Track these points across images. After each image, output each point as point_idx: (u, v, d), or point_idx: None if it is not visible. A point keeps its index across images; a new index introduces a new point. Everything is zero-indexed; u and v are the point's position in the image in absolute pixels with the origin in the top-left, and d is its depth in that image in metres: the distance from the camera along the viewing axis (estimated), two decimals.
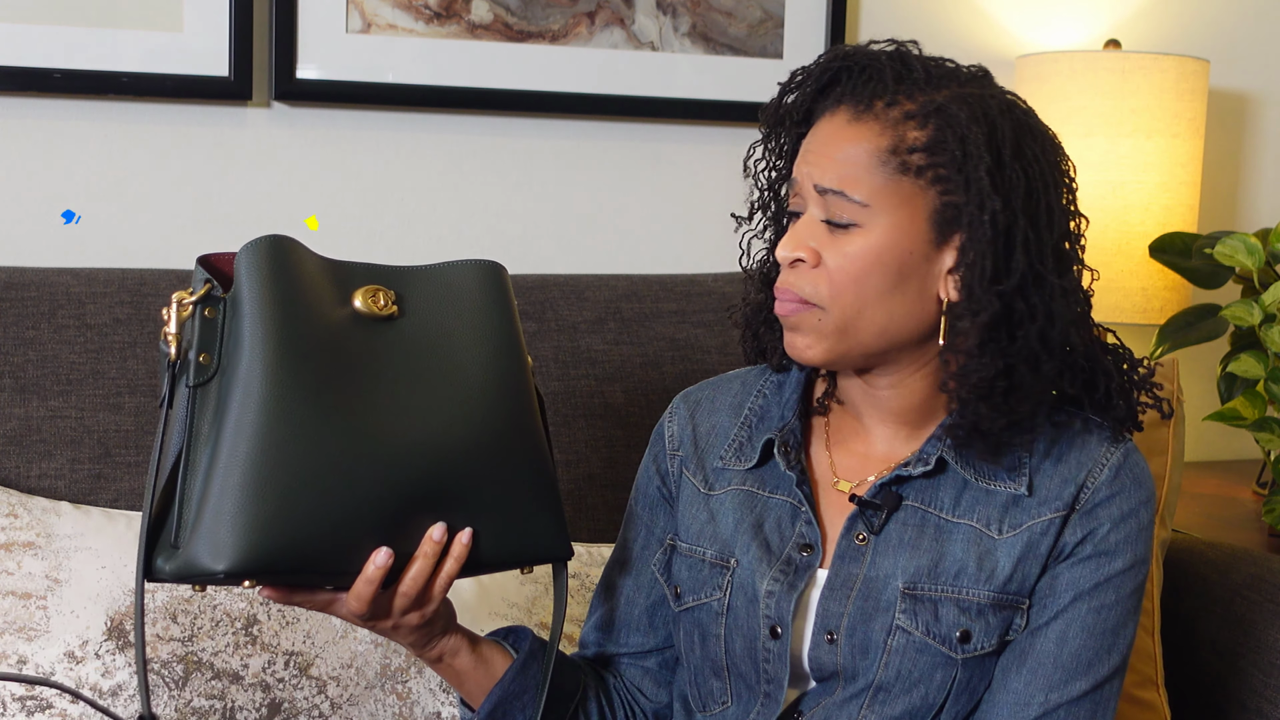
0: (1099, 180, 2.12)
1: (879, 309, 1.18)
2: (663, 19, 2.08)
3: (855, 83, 1.20)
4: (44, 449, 1.60)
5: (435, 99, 1.99)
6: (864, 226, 1.17)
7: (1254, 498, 2.11)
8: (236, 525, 1.09)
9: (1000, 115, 1.19)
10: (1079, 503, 1.22)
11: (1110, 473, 1.22)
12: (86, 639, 1.45)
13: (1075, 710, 1.21)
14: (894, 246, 1.17)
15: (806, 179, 1.20)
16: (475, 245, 2.05)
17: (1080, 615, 1.21)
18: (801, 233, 1.20)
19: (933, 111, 1.17)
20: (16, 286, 1.67)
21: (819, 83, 1.23)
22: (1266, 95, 2.48)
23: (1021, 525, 1.22)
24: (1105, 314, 2.14)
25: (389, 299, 1.20)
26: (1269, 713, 1.61)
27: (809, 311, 1.19)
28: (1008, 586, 1.21)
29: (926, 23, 2.26)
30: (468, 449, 1.18)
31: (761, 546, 1.26)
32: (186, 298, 1.14)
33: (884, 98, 1.18)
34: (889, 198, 1.17)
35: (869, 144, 1.17)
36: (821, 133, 1.21)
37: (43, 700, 1.42)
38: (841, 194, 1.17)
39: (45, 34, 1.81)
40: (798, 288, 1.19)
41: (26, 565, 1.48)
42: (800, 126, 1.25)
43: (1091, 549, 1.22)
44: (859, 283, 1.17)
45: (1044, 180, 1.20)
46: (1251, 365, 1.86)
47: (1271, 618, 1.63)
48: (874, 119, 1.18)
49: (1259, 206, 2.50)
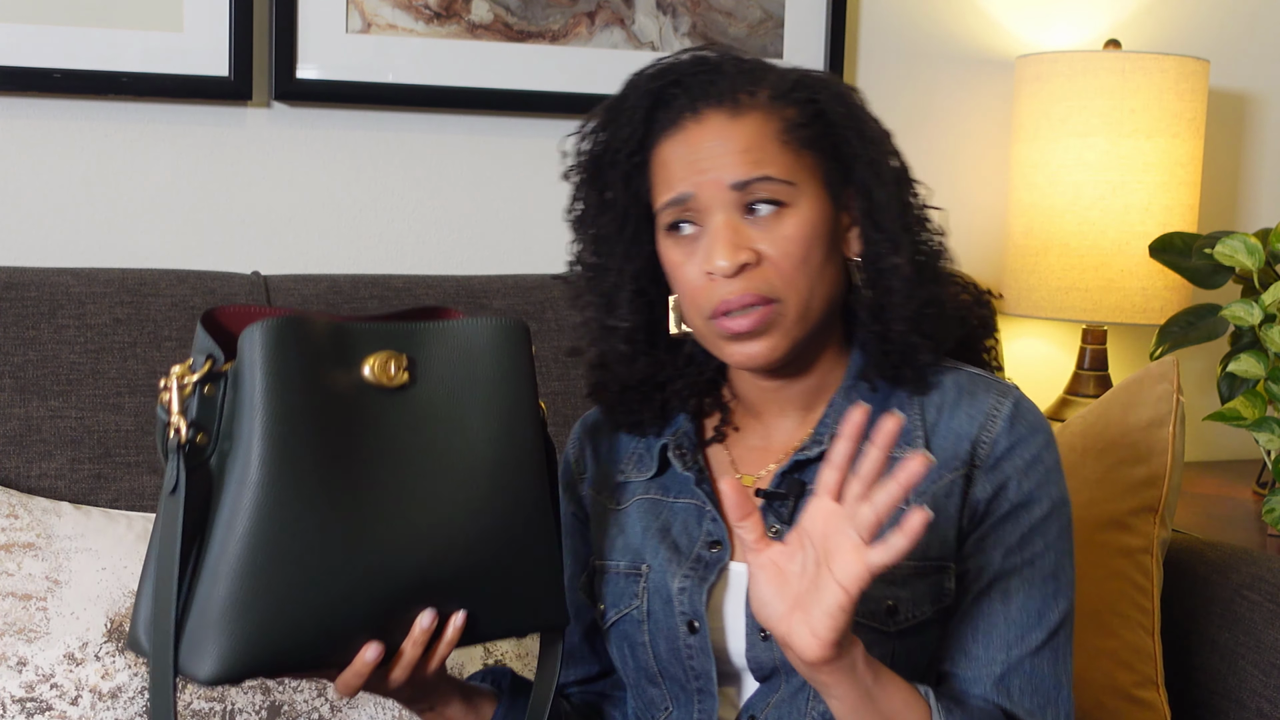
0: (1099, 180, 2.12)
1: (822, 283, 1.20)
2: (663, 19, 2.08)
3: (696, 89, 1.20)
4: (44, 449, 1.60)
5: (435, 99, 1.99)
6: (792, 205, 1.18)
7: (1254, 498, 2.11)
8: (221, 634, 1.04)
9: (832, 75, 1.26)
10: (978, 458, 1.21)
11: (1005, 424, 1.22)
12: (86, 641, 1.45)
13: (1038, 661, 1.20)
14: (819, 217, 1.19)
15: (710, 183, 1.17)
16: (475, 245, 2.05)
17: (1016, 570, 1.21)
18: (731, 237, 1.17)
19: (794, 86, 1.20)
20: (16, 286, 1.67)
21: (644, 105, 1.21)
22: (1266, 95, 2.48)
23: (926, 491, 1.21)
24: (1105, 314, 2.14)
25: (400, 366, 1.13)
26: (1269, 713, 1.61)
27: (771, 310, 1.17)
28: (927, 553, 1.20)
29: (926, 23, 2.26)
30: (470, 537, 1.13)
31: (670, 549, 1.26)
32: (187, 375, 1.08)
33: (743, 90, 1.19)
34: (801, 172, 1.18)
35: (763, 129, 1.18)
36: (700, 139, 1.18)
37: (42, 702, 1.42)
38: (766, 178, 1.17)
39: (45, 34, 1.81)
40: (756, 290, 1.17)
41: (27, 566, 1.48)
42: (635, 157, 1.22)
43: (1008, 504, 1.21)
44: (806, 261, 1.18)
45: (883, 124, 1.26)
46: (1251, 365, 1.86)
47: (1271, 618, 1.63)
48: (751, 109, 1.19)
49: (1259, 206, 2.50)
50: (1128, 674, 1.66)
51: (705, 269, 1.18)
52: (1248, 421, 1.85)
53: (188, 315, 1.70)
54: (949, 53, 2.28)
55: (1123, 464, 1.71)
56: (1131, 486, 1.70)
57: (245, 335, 1.07)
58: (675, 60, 1.23)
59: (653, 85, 1.21)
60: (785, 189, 1.17)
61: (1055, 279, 2.14)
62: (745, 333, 1.17)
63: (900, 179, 1.24)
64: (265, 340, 1.07)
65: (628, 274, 1.25)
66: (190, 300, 1.71)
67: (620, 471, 1.33)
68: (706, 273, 1.18)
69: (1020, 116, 2.21)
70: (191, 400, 1.08)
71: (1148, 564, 1.69)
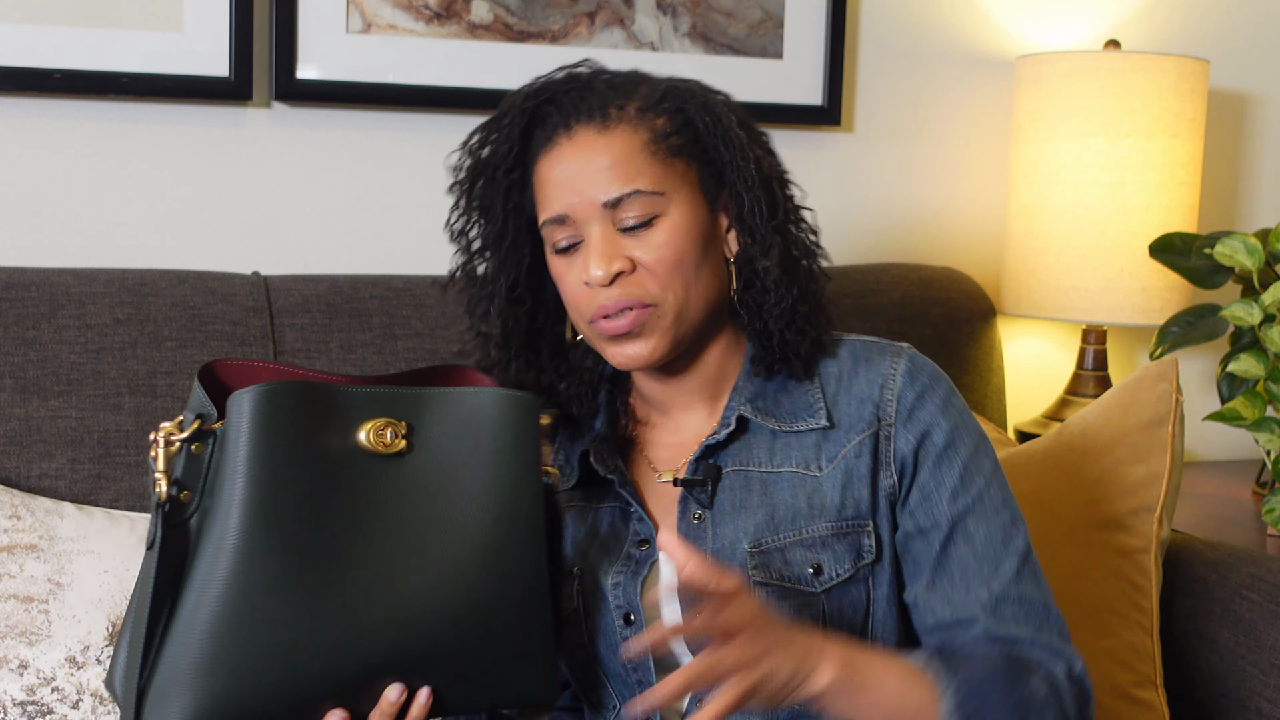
0: (1099, 180, 2.12)
1: (698, 285, 1.25)
2: (663, 19, 2.08)
3: (568, 106, 1.25)
4: (44, 449, 1.60)
5: (435, 99, 1.99)
6: (662, 214, 1.23)
7: (1254, 498, 2.11)
8: (187, 693, 1.04)
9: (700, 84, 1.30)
10: (885, 415, 1.28)
11: (905, 379, 1.29)
12: (88, 644, 1.45)
13: (1021, 587, 1.25)
14: (691, 222, 1.24)
15: (583, 203, 1.23)
16: None
17: (969, 508, 1.26)
18: (604, 249, 1.22)
19: (662, 97, 1.25)
20: (16, 286, 1.67)
21: (520, 124, 1.27)
22: (1266, 95, 2.48)
23: (836, 457, 1.28)
24: (1105, 314, 2.14)
25: (398, 433, 1.11)
26: (1269, 713, 1.61)
27: (647, 313, 1.23)
28: (842, 514, 1.26)
29: (926, 23, 2.26)
30: (452, 614, 1.11)
31: (600, 550, 1.31)
32: (175, 433, 1.08)
33: (612, 104, 1.24)
34: (671, 180, 1.24)
35: (630, 142, 1.23)
36: (572, 156, 1.23)
37: (43, 705, 1.42)
38: (636, 192, 1.22)
39: (45, 34, 1.81)
40: (631, 295, 1.23)
41: (29, 568, 1.48)
42: (512, 173, 1.28)
43: (935, 448, 1.27)
44: (680, 265, 1.23)
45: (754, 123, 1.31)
46: (1251, 365, 1.86)
47: (1271, 618, 1.63)
48: (619, 123, 1.23)
49: (1259, 206, 2.50)
50: (1127, 674, 1.66)
51: (583, 279, 1.24)
52: (1248, 421, 1.85)
53: (188, 315, 1.70)
54: (949, 53, 2.28)
55: (1122, 464, 1.71)
56: (1131, 486, 1.70)
57: (234, 400, 1.07)
58: (550, 79, 1.28)
59: (527, 104, 1.26)
60: (655, 200, 1.23)
61: (1055, 279, 2.14)
62: (623, 334, 1.24)
63: (770, 181, 1.28)
64: (253, 407, 1.06)
65: (502, 284, 1.31)
66: (190, 300, 1.71)
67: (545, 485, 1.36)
68: (584, 282, 1.23)
69: (1020, 117, 2.21)
70: (178, 458, 1.08)
71: (1146, 564, 1.69)
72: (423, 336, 1.77)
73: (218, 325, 1.70)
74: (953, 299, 2.08)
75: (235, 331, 1.70)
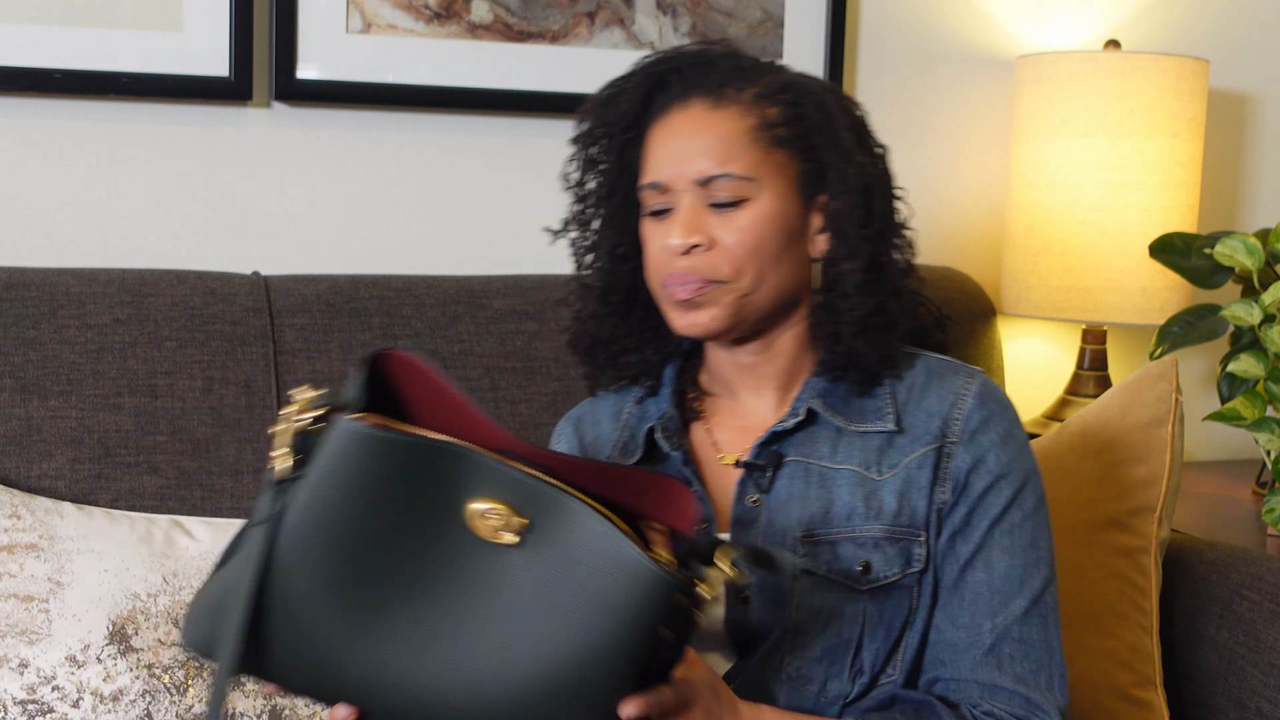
0: (1099, 180, 2.12)
1: (774, 274, 1.28)
2: (663, 19, 2.08)
3: (691, 78, 1.29)
4: (44, 449, 1.60)
5: (435, 99, 1.99)
6: (751, 200, 1.27)
7: (1254, 498, 2.11)
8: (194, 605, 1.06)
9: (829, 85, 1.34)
10: (950, 433, 1.30)
11: (975, 401, 1.31)
12: (88, 643, 1.45)
13: (1025, 628, 1.27)
14: (779, 213, 1.27)
15: (680, 176, 1.27)
16: (475, 245, 2.05)
17: (997, 540, 1.29)
18: (690, 220, 1.26)
19: (782, 88, 1.29)
20: (16, 286, 1.67)
21: (644, 87, 1.31)
22: (1266, 95, 2.48)
23: (898, 464, 1.30)
24: (1105, 314, 2.14)
25: (513, 528, 0.99)
26: (1269, 713, 1.61)
27: (712, 288, 1.27)
28: (898, 520, 1.28)
29: (926, 23, 2.26)
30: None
31: None
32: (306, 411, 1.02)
33: (731, 84, 1.28)
34: (767, 169, 1.27)
35: (736, 125, 1.27)
36: (679, 127, 1.28)
37: (43, 704, 1.42)
38: (728, 175, 1.26)
39: (45, 34, 1.81)
40: (699, 270, 1.26)
41: (29, 568, 1.48)
42: (628, 133, 1.32)
43: (988, 475, 1.29)
44: (758, 252, 1.27)
45: (874, 135, 1.34)
46: (1251, 365, 1.86)
47: (1271, 618, 1.63)
48: (731, 104, 1.28)
49: (1259, 206, 2.50)
50: (1126, 674, 1.66)
51: (664, 243, 1.28)
52: (1248, 421, 1.85)
53: (188, 315, 1.70)
54: (949, 53, 2.28)
55: (1121, 464, 1.71)
56: (1130, 486, 1.70)
57: (338, 427, 1.00)
58: (682, 49, 1.32)
59: (655, 69, 1.31)
60: (745, 185, 1.26)
61: (1055, 279, 2.14)
62: (686, 301, 1.27)
63: (870, 189, 1.30)
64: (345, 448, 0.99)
65: (608, 239, 1.36)
66: (190, 300, 1.71)
67: (608, 459, 1.39)
68: (664, 246, 1.28)
69: (1020, 117, 2.21)
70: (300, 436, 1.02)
71: (1146, 564, 1.69)
72: (423, 336, 1.77)
73: (218, 325, 1.70)
74: (953, 299, 2.08)
75: (235, 331, 1.70)
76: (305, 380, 1.70)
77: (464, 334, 1.78)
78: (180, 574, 1.51)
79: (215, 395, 1.67)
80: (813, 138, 1.28)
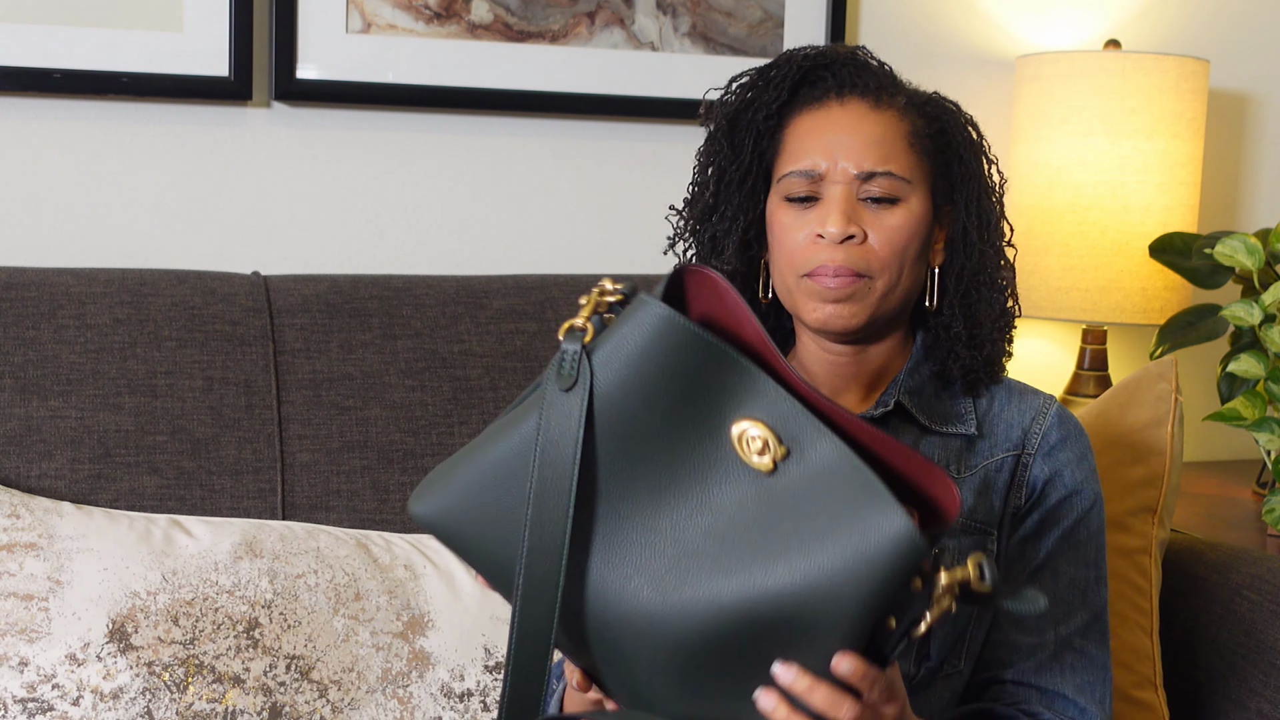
0: (1099, 180, 2.12)
1: (909, 276, 1.30)
2: (663, 19, 2.08)
3: (845, 76, 1.31)
4: (44, 449, 1.60)
5: (435, 99, 1.99)
6: (904, 200, 1.29)
7: (1254, 498, 2.11)
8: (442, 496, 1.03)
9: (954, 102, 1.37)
10: (1029, 445, 1.34)
11: (1055, 419, 1.35)
12: (88, 641, 1.45)
13: (1085, 641, 1.32)
14: (923, 218, 1.30)
15: (840, 167, 1.28)
16: (475, 245, 2.05)
17: (1064, 552, 1.33)
18: (848, 211, 1.27)
19: (926, 101, 1.33)
20: (16, 286, 1.67)
21: (793, 79, 1.31)
22: (1266, 95, 2.48)
23: (977, 466, 1.34)
24: (1105, 314, 2.14)
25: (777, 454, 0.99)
26: (1269, 713, 1.61)
27: (861, 283, 1.28)
28: (974, 515, 1.33)
29: (926, 23, 2.26)
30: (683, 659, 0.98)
31: None
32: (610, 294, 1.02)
33: (885, 90, 1.31)
34: (918, 174, 1.30)
35: (896, 128, 1.29)
36: (840, 121, 1.29)
37: (43, 702, 1.42)
38: (889, 174, 1.27)
39: (45, 34, 1.81)
40: (852, 263, 1.27)
41: (28, 566, 1.48)
42: (771, 120, 1.32)
43: (1062, 489, 1.34)
44: (903, 253, 1.29)
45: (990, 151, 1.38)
46: (1251, 365, 1.86)
47: (1271, 618, 1.63)
48: (889, 107, 1.30)
49: (1259, 206, 2.50)
50: (1126, 674, 1.66)
51: (816, 230, 1.27)
52: (1248, 421, 1.85)
53: (188, 315, 1.70)
54: (949, 53, 2.28)
55: (1121, 464, 1.71)
56: (1129, 486, 1.70)
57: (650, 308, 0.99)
58: (831, 48, 1.34)
59: (805, 63, 1.32)
60: (902, 185, 1.28)
61: (1055, 279, 2.14)
62: (833, 292, 1.27)
63: (991, 204, 1.35)
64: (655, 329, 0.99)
65: (739, 224, 1.34)
66: (190, 300, 1.71)
67: None
68: (816, 234, 1.27)
69: (1020, 116, 2.21)
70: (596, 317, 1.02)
71: (1146, 564, 1.69)
72: (423, 336, 1.77)
73: (218, 325, 1.70)
74: None
75: (235, 331, 1.70)
76: (305, 380, 1.70)
77: (464, 334, 1.78)
78: (180, 572, 1.51)
79: (215, 395, 1.67)
80: (949, 152, 1.32)
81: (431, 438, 1.71)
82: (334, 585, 1.55)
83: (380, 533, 1.65)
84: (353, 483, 1.68)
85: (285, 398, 1.69)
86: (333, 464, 1.68)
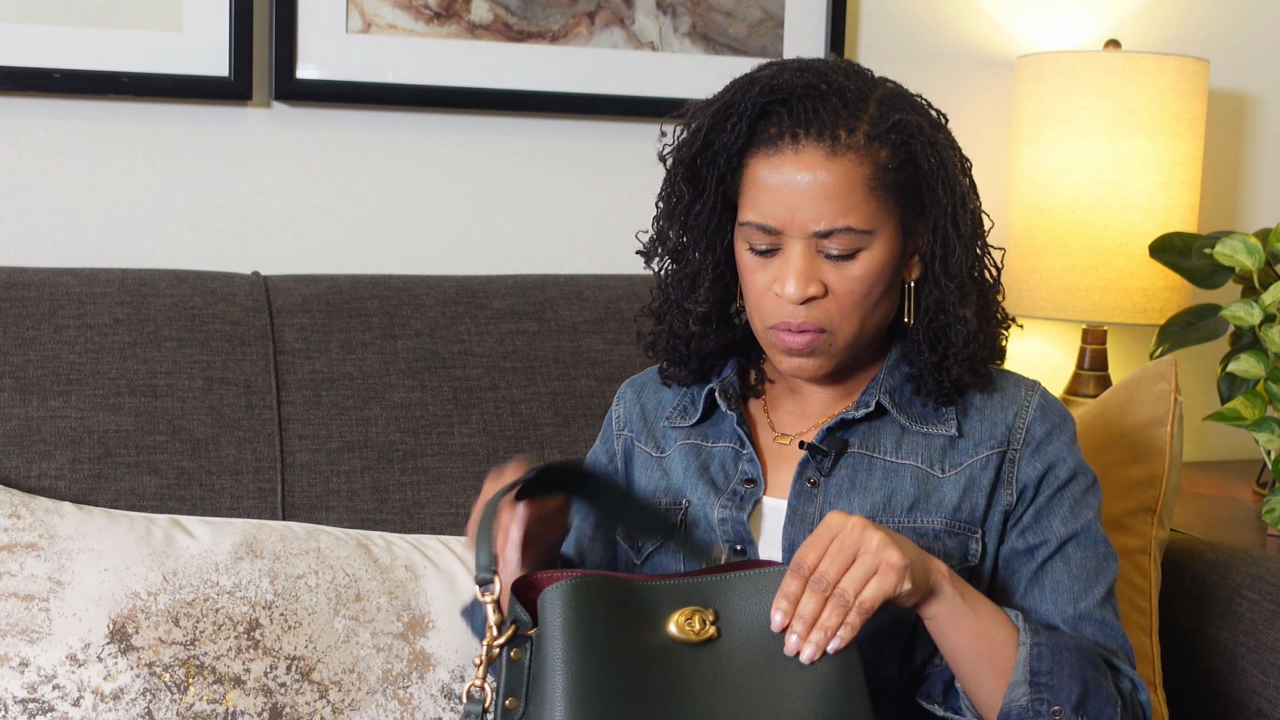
0: (1099, 180, 2.12)
1: (877, 313, 1.30)
2: (663, 19, 2.08)
3: (802, 114, 1.25)
4: (44, 449, 1.60)
5: (435, 99, 1.99)
6: (866, 250, 1.27)
7: (1254, 498, 2.11)
8: None
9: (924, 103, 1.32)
10: (1015, 440, 1.34)
11: (1038, 412, 1.35)
12: (89, 641, 1.45)
13: (1104, 612, 1.33)
14: (890, 258, 1.28)
15: (796, 224, 1.25)
16: (475, 245, 2.05)
17: (1073, 535, 1.33)
18: (806, 271, 1.26)
19: (891, 129, 1.25)
20: (16, 286, 1.67)
21: (750, 118, 1.27)
22: (1266, 95, 2.48)
23: (961, 465, 1.33)
24: (1105, 314, 2.14)
25: (706, 621, 1.13)
26: (1269, 713, 1.61)
27: (823, 338, 1.28)
28: (957, 515, 1.32)
29: (926, 23, 2.26)
30: None
31: (708, 485, 1.36)
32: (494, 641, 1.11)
33: (843, 125, 1.24)
34: (882, 217, 1.26)
35: (853, 175, 1.24)
36: (794, 173, 1.24)
37: (44, 703, 1.42)
38: (848, 229, 1.24)
39: (45, 34, 1.81)
40: (814, 319, 1.27)
41: (29, 567, 1.48)
42: (732, 161, 1.28)
43: (1058, 481, 1.34)
44: (865, 300, 1.28)
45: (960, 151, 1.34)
46: (1251, 365, 1.86)
47: (1271, 618, 1.63)
48: (846, 150, 1.24)
49: (1259, 206, 2.50)
50: None
51: (776, 290, 1.27)
52: (1248, 421, 1.85)
53: (188, 315, 1.70)
54: (949, 53, 2.28)
55: (1120, 464, 1.71)
56: (1129, 486, 1.70)
57: (545, 596, 1.10)
58: (786, 81, 1.27)
59: (761, 98, 1.26)
60: (861, 237, 1.25)
61: (1055, 279, 2.14)
62: (797, 349, 1.28)
63: (976, 228, 1.33)
64: (565, 601, 1.09)
65: (709, 264, 1.34)
66: (190, 300, 1.71)
67: (666, 418, 1.43)
68: (776, 293, 1.27)
69: (1020, 116, 2.21)
70: (499, 665, 1.11)
71: (1145, 564, 1.69)
72: (422, 336, 1.77)
73: (218, 325, 1.70)
74: None
75: (235, 331, 1.70)
76: (305, 380, 1.70)
77: (464, 334, 1.78)
78: (180, 573, 1.51)
79: (215, 395, 1.67)
80: (923, 181, 1.28)
81: (431, 438, 1.71)
82: (334, 586, 1.54)
83: (381, 533, 1.65)
84: (353, 483, 1.68)
85: (285, 398, 1.69)
86: (333, 464, 1.68)
